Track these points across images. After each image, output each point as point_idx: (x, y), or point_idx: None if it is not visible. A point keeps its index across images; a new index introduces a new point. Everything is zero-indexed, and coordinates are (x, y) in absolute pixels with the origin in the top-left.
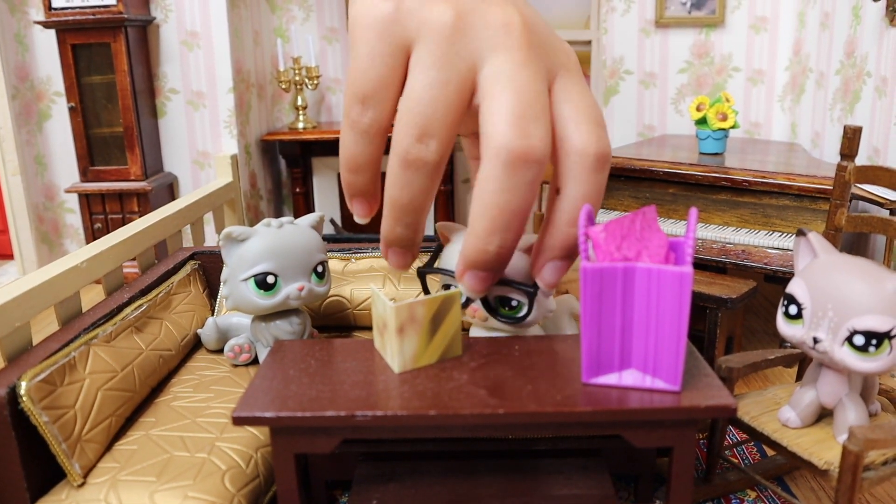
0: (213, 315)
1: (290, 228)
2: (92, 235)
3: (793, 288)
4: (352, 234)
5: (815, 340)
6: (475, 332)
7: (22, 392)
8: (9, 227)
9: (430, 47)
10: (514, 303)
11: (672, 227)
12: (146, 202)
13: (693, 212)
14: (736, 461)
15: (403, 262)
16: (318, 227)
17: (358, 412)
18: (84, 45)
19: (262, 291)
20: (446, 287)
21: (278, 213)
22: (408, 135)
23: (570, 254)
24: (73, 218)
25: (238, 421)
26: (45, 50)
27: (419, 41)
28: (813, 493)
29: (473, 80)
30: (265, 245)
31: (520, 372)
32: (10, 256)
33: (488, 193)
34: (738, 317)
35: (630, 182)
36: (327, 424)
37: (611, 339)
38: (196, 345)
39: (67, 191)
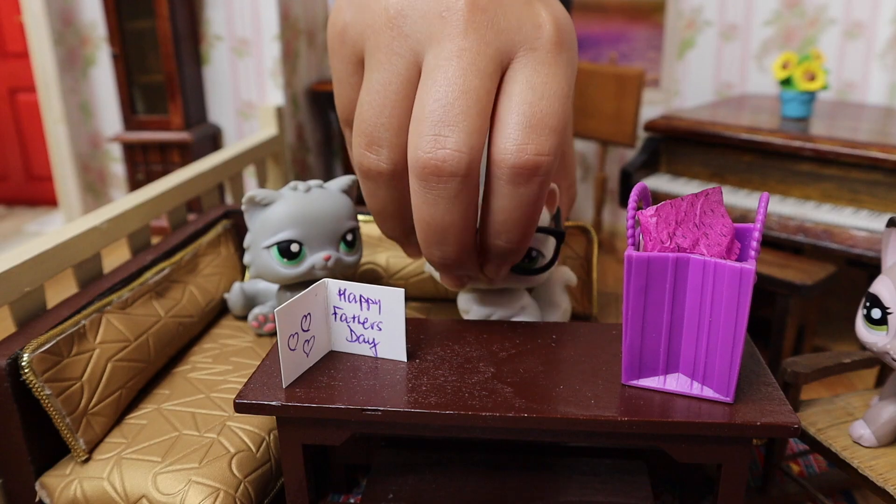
0: (243, 279)
1: (318, 193)
2: (134, 187)
3: (877, 288)
4: None
5: None
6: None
7: (24, 363)
8: (53, 175)
9: (369, 49)
10: (533, 253)
11: (745, 200)
12: (188, 153)
13: (764, 197)
14: (798, 469)
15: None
16: (349, 191)
17: (368, 407)
18: None
19: (285, 260)
20: None
21: (328, 167)
22: (357, 143)
23: (502, 258)
24: (119, 167)
25: (240, 408)
26: None
27: (364, 47)
28: None
29: (418, 77)
30: (290, 210)
31: (553, 367)
32: (55, 204)
33: (415, 206)
34: (812, 305)
35: (700, 147)
36: (336, 417)
37: (656, 339)
38: (223, 309)
39: (110, 140)
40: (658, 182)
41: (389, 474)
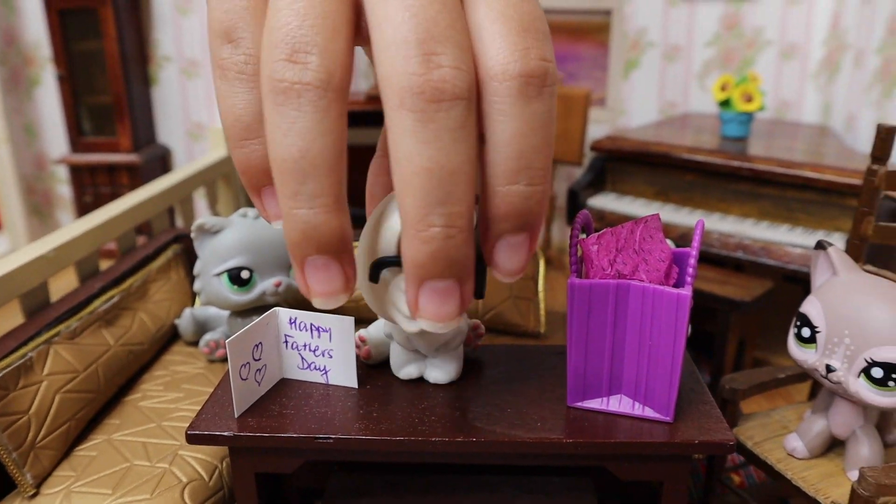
0: (194, 303)
1: None
2: (82, 210)
3: (807, 308)
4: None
5: (829, 369)
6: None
7: None
8: None
9: None
10: None
11: (687, 218)
12: (137, 175)
13: (699, 224)
14: (739, 480)
15: (329, 285)
16: None
17: (320, 435)
18: (71, 9)
19: (236, 287)
20: None
21: None
22: (273, 58)
23: (524, 223)
24: (66, 189)
25: (192, 439)
26: (34, 13)
27: None
28: None
29: None
30: (239, 238)
31: (501, 390)
32: None
33: (406, 153)
34: (752, 320)
35: (645, 167)
36: (288, 446)
37: (599, 362)
38: (174, 335)
39: (56, 162)
40: (604, 201)
41: (343, 498)
